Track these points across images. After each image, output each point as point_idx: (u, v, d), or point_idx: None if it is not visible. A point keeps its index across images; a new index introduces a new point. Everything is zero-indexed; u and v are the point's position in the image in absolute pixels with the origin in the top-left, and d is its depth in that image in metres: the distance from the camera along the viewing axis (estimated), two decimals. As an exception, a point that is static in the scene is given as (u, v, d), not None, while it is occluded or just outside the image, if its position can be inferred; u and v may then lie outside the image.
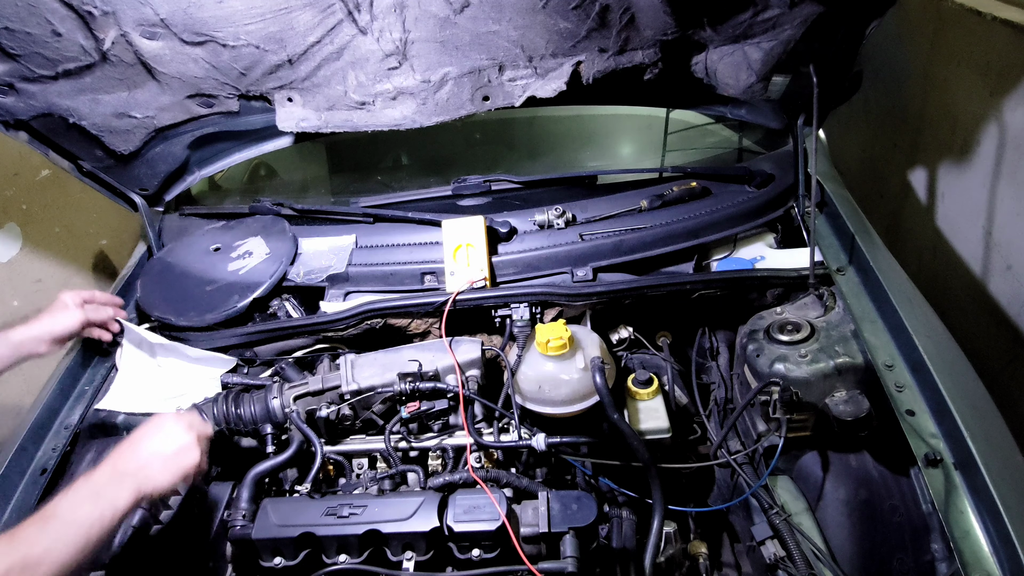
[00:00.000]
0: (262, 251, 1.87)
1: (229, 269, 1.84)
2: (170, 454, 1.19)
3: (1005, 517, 1.08)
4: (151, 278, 1.92)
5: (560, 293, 1.66)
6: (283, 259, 1.82)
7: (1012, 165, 2.01)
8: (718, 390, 1.75)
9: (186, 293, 1.82)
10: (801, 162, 1.84)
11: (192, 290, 1.82)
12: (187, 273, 1.89)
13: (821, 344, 1.46)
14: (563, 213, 1.81)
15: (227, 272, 1.84)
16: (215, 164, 2.06)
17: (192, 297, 1.81)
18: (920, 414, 1.30)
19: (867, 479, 1.44)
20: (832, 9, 1.46)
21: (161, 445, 1.20)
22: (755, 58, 1.60)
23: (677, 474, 1.58)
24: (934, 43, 2.32)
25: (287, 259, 1.83)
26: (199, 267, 1.90)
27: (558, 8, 1.52)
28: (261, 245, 1.89)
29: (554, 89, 1.66)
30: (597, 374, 1.46)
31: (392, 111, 1.72)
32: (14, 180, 2.43)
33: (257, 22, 1.53)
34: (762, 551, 1.41)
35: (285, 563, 1.33)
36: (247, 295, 1.76)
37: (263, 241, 1.91)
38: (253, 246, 1.89)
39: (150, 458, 1.17)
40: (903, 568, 1.30)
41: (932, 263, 2.49)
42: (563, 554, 1.29)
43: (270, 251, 1.87)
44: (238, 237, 1.95)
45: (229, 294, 1.78)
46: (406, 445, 1.55)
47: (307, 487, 1.46)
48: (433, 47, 1.61)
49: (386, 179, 2.57)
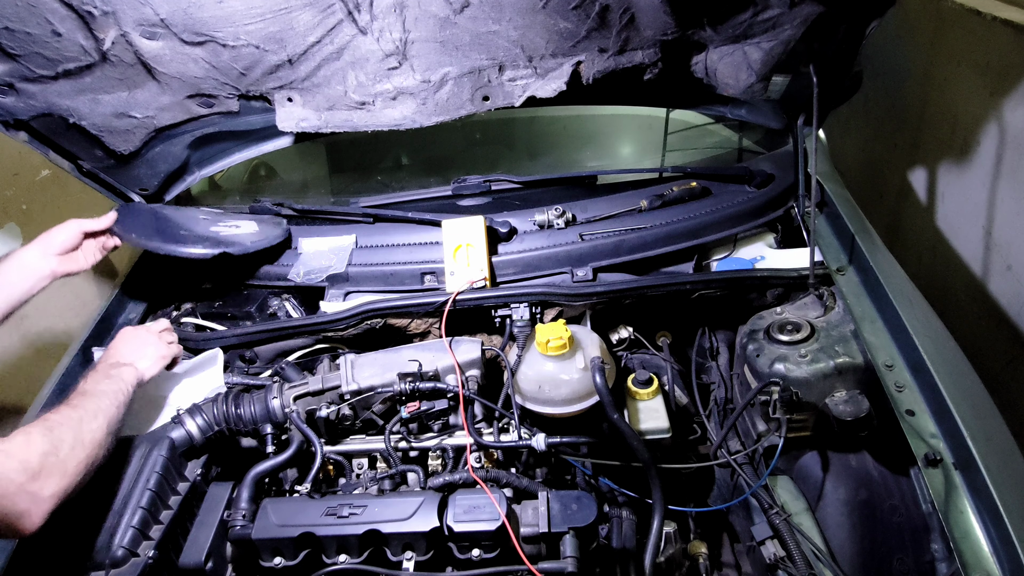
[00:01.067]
0: (251, 228, 1.87)
1: (211, 229, 1.84)
2: (150, 348, 1.46)
3: (1005, 517, 1.08)
4: (131, 209, 1.90)
5: (560, 293, 1.66)
6: (270, 238, 1.82)
7: (1012, 165, 2.01)
8: (718, 390, 1.75)
9: (160, 227, 1.80)
10: (801, 162, 1.84)
11: (166, 228, 1.81)
12: (168, 218, 1.88)
13: (821, 344, 1.46)
14: (563, 213, 1.81)
15: (208, 231, 1.83)
16: (215, 164, 2.06)
17: (164, 232, 1.79)
18: (920, 414, 1.30)
19: (867, 479, 1.44)
20: (832, 9, 1.46)
21: (139, 345, 1.46)
22: (755, 58, 1.60)
23: (677, 474, 1.58)
24: (934, 43, 2.32)
25: (272, 240, 1.83)
26: (181, 218, 1.89)
27: (558, 8, 1.52)
28: (252, 225, 1.89)
29: (554, 89, 1.66)
30: (597, 374, 1.46)
31: (392, 111, 1.72)
32: (14, 180, 2.43)
33: (257, 22, 1.53)
34: (762, 551, 1.41)
35: (285, 563, 1.33)
36: (219, 248, 1.74)
37: (255, 224, 1.90)
38: (244, 224, 1.89)
39: (134, 352, 1.44)
40: (903, 568, 1.30)
41: (932, 263, 2.49)
42: (563, 554, 1.29)
43: (259, 231, 1.86)
44: (231, 218, 1.95)
45: (203, 240, 1.76)
46: (406, 445, 1.55)
47: (307, 487, 1.46)
48: (433, 47, 1.61)
49: (386, 179, 2.57)
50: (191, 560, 1.34)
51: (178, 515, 1.39)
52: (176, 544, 1.37)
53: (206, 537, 1.38)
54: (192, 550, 1.36)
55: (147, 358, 1.45)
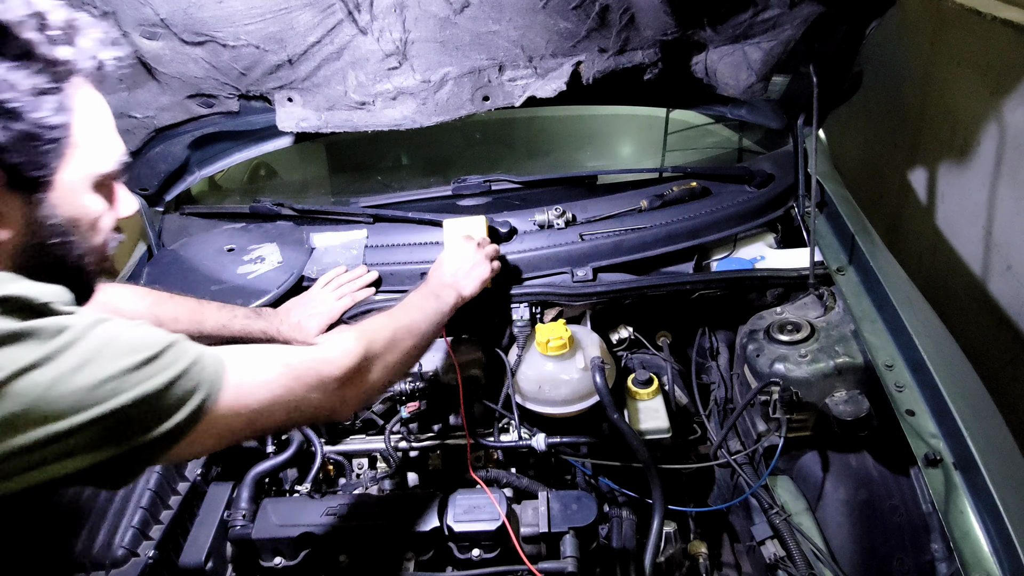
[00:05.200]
0: (275, 259, 1.86)
1: (238, 272, 1.83)
2: (469, 268, 1.50)
3: (1005, 517, 1.08)
4: (159, 268, 1.90)
5: (560, 293, 1.66)
6: (294, 270, 1.81)
7: (1012, 165, 2.01)
8: (718, 390, 1.75)
9: (191, 289, 1.82)
10: (801, 162, 1.84)
11: (197, 287, 1.82)
12: (195, 269, 1.88)
13: (821, 344, 1.46)
14: (563, 213, 1.81)
15: (235, 275, 1.83)
16: (215, 164, 2.06)
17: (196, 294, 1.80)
18: (920, 414, 1.30)
19: (867, 479, 1.44)
20: (832, 9, 1.46)
21: (461, 263, 1.51)
22: (755, 58, 1.60)
23: (677, 474, 1.58)
24: (934, 43, 2.32)
25: (297, 271, 1.82)
26: (209, 265, 1.89)
27: (558, 8, 1.52)
28: (275, 252, 1.88)
29: (554, 89, 1.66)
30: (597, 374, 1.46)
31: (392, 111, 1.72)
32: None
33: (257, 22, 1.53)
34: (762, 551, 1.41)
35: (285, 563, 1.33)
36: (251, 302, 1.76)
37: (278, 249, 1.90)
38: (267, 252, 1.89)
39: (456, 273, 1.49)
40: (903, 568, 1.30)
41: (932, 263, 2.49)
42: (563, 554, 1.29)
43: (282, 260, 1.86)
44: (254, 240, 1.94)
45: (233, 297, 1.78)
46: (406, 445, 1.55)
47: (307, 487, 1.46)
48: (433, 47, 1.61)
49: (386, 179, 2.57)
50: (191, 560, 1.34)
51: (178, 515, 1.39)
52: (176, 544, 1.37)
53: (206, 537, 1.38)
54: (192, 550, 1.36)
55: (472, 279, 1.50)
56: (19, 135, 0.78)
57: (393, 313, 1.25)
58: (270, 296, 1.75)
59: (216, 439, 0.86)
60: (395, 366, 1.16)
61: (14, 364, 0.67)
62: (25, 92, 0.77)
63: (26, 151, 0.79)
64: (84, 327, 0.74)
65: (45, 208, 0.83)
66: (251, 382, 0.90)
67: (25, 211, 0.82)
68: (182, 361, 0.81)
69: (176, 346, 0.82)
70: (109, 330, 0.77)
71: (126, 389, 0.74)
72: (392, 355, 1.14)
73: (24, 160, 0.79)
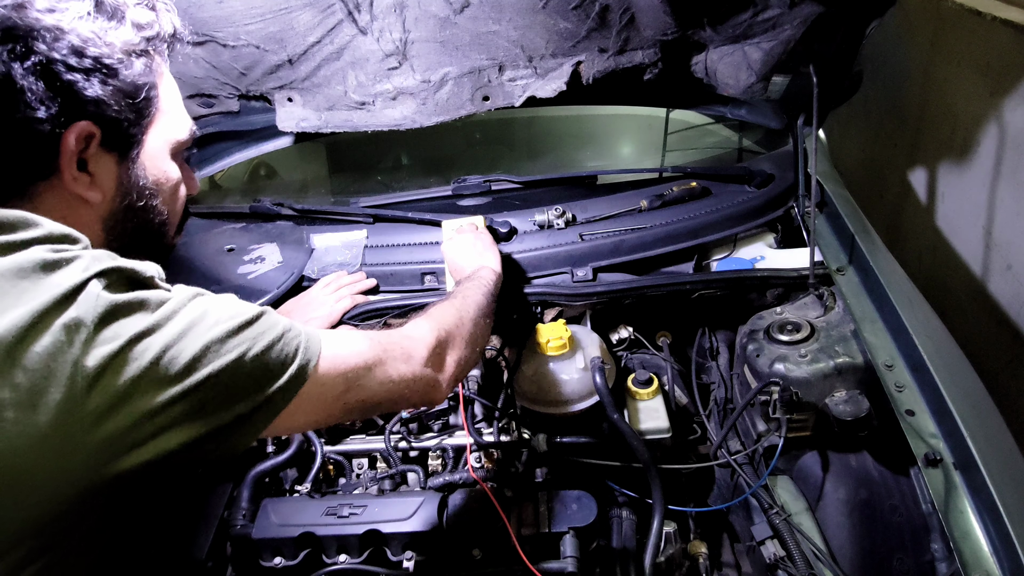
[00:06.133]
0: (275, 259, 1.86)
1: (238, 272, 1.83)
2: (481, 249, 1.56)
3: (1005, 517, 1.08)
4: None
5: (560, 293, 1.66)
6: (294, 270, 1.81)
7: (1012, 165, 2.01)
8: (718, 390, 1.75)
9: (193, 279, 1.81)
10: (801, 162, 1.84)
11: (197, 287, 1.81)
12: (195, 268, 1.88)
13: (821, 344, 1.46)
14: (563, 213, 1.81)
15: (235, 274, 1.83)
16: (215, 164, 2.06)
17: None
18: (920, 414, 1.30)
19: (867, 479, 1.44)
20: (832, 9, 1.46)
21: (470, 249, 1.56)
22: (755, 58, 1.60)
23: (677, 474, 1.58)
24: (934, 43, 2.32)
25: (298, 271, 1.82)
26: (209, 265, 1.89)
27: (558, 8, 1.52)
28: (275, 252, 1.88)
29: (554, 89, 1.66)
30: (597, 374, 1.46)
31: (392, 111, 1.72)
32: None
33: (257, 22, 1.53)
34: (762, 551, 1.41)
35: (285, 563, 1.33)
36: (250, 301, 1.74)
37: (278, 249, 1.90)
38: (267, 252, 1.89)
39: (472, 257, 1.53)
40: (903, 568, 1.30)
41: (932, 263, 2.49)
42: (563, 554, 1.29)
43: (283, 260, 1.86)
44: (254, 240, 1.94)
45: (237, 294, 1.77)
46: (406, 445, 1.55)
47: (307, 487, 1.46)
48: (433, 47, 1.61)
49: (386, 179, 2.57)
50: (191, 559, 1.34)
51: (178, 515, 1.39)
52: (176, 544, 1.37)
53: (206, 537, 1.38)
54: (192, 550, 1.36)
55: (491, 254, 1.55)
56: (116, 90, 0.82)
57: (446, 300, 1.28)
58: (270, 296, 1.75)
59: (316, 410, 0.88)
60: (472, 338, 1.20)
61: (129, 331, 0.70)
62: (119, 50, 0.82)
63: (121, 108, 0.83)
64: (184, 299, 0.79)
65: (136, 169, 0.88)
66: (345, 351, 0.92)
67: (117, 172, 0.86)
68: (278, 327, 0.84)
69: (269, 314, 0.85)
70: (206, 301, 0.81)
71: (231, 350, 0.77)
72: (465, 328, 1.19)
73: (120, 117, 0.83)
